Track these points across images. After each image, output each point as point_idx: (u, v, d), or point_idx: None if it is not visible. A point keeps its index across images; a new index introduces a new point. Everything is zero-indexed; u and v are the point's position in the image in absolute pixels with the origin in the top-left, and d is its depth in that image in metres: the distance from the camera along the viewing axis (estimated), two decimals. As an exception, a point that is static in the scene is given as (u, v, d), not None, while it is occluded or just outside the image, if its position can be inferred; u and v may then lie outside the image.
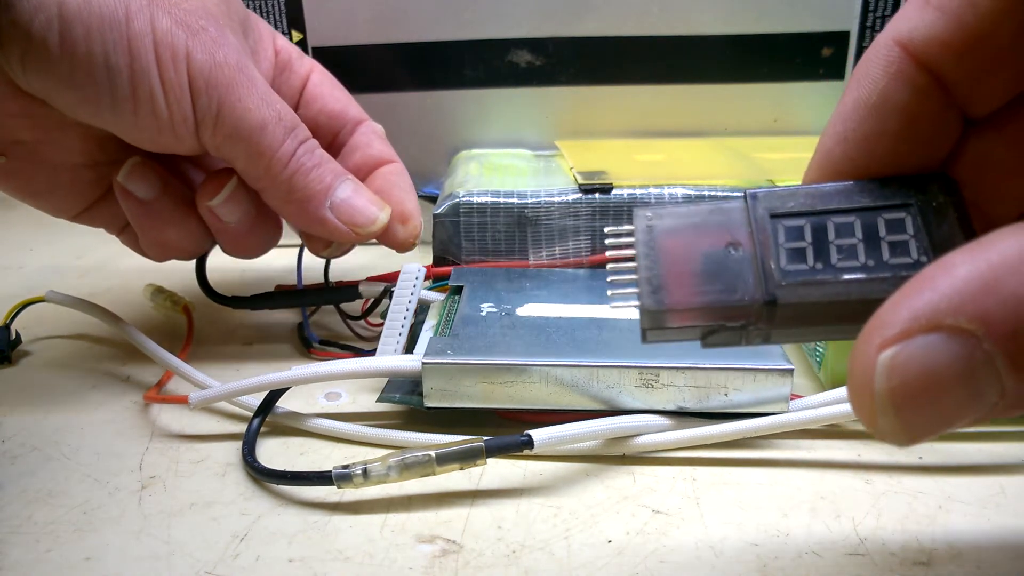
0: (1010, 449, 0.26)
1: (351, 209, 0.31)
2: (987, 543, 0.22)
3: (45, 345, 0.35)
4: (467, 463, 0.24)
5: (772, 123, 0.44)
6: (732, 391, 0.26)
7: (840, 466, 0.26)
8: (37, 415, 0.29)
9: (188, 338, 0.33)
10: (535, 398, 0.26)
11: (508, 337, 0.28)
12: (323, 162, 0.30)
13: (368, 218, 0.31)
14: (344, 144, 0.36)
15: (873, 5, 0.42)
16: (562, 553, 0.22)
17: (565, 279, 0.33)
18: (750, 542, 0.23)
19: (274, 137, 0.29)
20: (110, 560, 0.22)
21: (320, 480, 0.24)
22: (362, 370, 0.27)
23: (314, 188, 0.30)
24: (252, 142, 0.28)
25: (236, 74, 0.28)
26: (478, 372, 0.26)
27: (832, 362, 0.28)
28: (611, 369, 0.26)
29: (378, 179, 0.34)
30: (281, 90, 0.33)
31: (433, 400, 0.27)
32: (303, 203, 0.30)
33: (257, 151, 0.29)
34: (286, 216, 0.32)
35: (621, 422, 0.26)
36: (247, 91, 0.28)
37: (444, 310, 0.31)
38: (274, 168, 0.29)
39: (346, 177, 0.31)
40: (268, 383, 0.27)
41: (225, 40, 0.28)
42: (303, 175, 0.30)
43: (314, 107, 0.35)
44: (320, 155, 0.30)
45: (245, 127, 0.28)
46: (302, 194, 0.30)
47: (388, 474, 0.24)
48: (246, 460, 0.26)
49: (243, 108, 0.28)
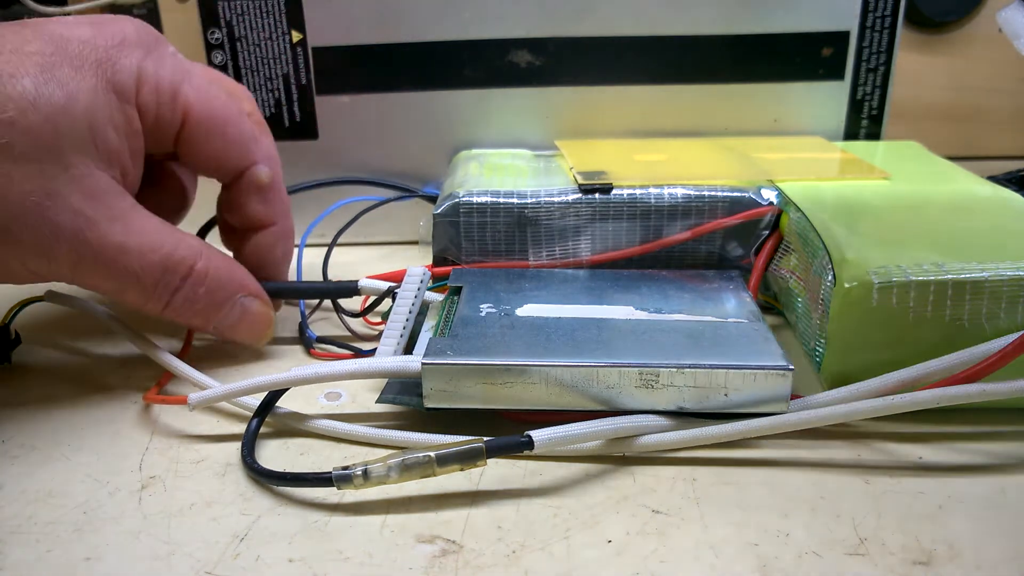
0: (1010, 449, 0.26)
1: (233, 334, 0.31)
2: (987, 543, 0.22)
3: (45, 345, 0.35)
4: (467, 464, 0.24)
5: (772, 123, 0.44)
6: (732, 391, 0.26)
7: (840, 466, 0.26)
8: (37, 415, 0.29)
9: (189, 337, 0.33)
10: (535, 398, 0.26)
11: (508, 338, 0.28)
12: (204, 302, 0.30)
13: (252, 338, 0.32)
14: (227, 193, 0.34)
15: (873, 5, 0.42)
16: (562, 553, 0.22)
17: (565, 279, 0.33)
18: (750, 542, 0.23)
19: (136, 297, 0.29)
20: (110, 560, 0.22)
21: (320, 481, 0.24)
22: (361, 370, 0.27)
23: (194, 324, 0.31)
24: (121, 297, 0.29)
25: (97, 229, 0.27)
26: (478, 373, 0.26)
27: (832, 362, 0.28)
28: (611, 369, 0.26)
29: (248, 248, 0.33)
30: (154, 145, 0.31)
31: (433, 401, 0.27)
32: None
33: (125, 303, 0.29)
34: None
35: (621, 422, 0.26)
36: (110, 241, 0.28)
37: (443, 310, 0.31)
38: (149, 312, 0.30)
39: (234, 301, 0.31)
40: (267, 384, 0.27)
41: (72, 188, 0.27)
42: (183, 318, 0.30)
43: (188, 159, 0.32)
44: (201, 295, 0.30)
45: (111, 286, 0.28)
46: (181, 322, 0.31)
47: (388, 475, 0.24)
48: (245, 461, 0.26)
49: (101, 273, 0.28)
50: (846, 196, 0.34)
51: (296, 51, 0.42)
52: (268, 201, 0.33)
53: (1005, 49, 0.37)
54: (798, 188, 0.35)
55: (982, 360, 0.25)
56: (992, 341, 0.25)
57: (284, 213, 0.34)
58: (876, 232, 0.30)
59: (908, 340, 0.27)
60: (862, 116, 0.44)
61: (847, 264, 0.28)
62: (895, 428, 0.27)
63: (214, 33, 0.42)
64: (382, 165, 0.44)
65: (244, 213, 0.33)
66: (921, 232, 0.30)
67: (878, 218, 0.32)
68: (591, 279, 0.33)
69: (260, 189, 0.33)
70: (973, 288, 0.27)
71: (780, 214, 0.34)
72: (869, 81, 0.43)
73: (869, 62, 0.43)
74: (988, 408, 0.27)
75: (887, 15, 0.42)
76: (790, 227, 0.33)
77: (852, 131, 0.44)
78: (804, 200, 0.33)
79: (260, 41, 0.42)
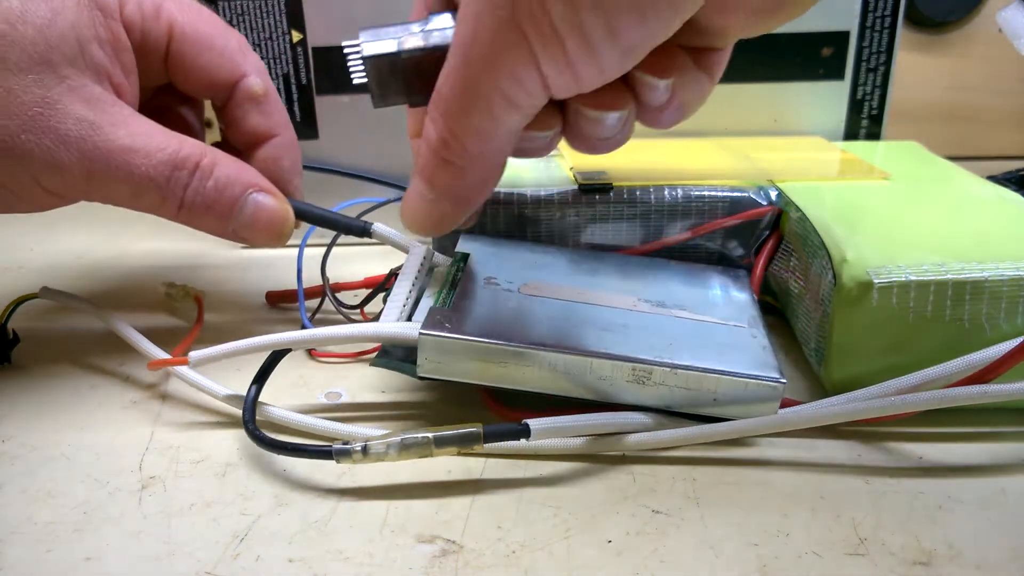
0: (1010, 449, 0.26)
1: (252, 234, 0.31)
2: (987, 543, 0.22)
3: (45, 345, 0.35)
4: (465, 447, 0.24)
5: (772, 123, 0.44)
6: (721, 397, 0.26)
7: (840, 466, 0.26)
8: (37, 415, 0.29)
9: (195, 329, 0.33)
10: (527, 381, 0.26)
11: (507, 317, 0.27)
12: (214, 197, 0.30)
13: (273, 235, 0.31)
14: (224, 112, 0.33)
15: (873, 5, 0.42)
16: (562, 553, 0.22)
17: (573, 259, 0.33)
18: (750, 542, 0.23)
19: (151, 199, 0.29)
20: (110, 560, 0.22)
21: (320, 454, 0.24)
22: (360, 334, 0.27)
23: (211, 224, 0.30)
24: (138, 202, 0.29)
25: (96, 138, 0.27)
26: (474, 350, 0.26)
27: (832, 362, 0.28)
28: (605, 361, 0.26)
29: (255, 166, 0.33)
30: (145, 68, 0.31)
31: (426, 371, 0.27)
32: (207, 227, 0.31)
33: (143, 208, 0.29)
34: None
35: (620, 417, 0.26)
36: (112, 148, 0.28)
37: (448, 277, 0.30)
38: (167, 214, 0.30)
39: (245, 197, 0.30)
40: (268, 343, 0.28)
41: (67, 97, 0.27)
42: (198, 216, 0.30)
43: (180, 79, 0.32)
44: (210, 190, 0.29)
45: (125, 191, 0.28)
46: (200, 226, 0.30)
47: (387, 452, 0.24)
48: (247, 427, 0.26)
49: (114, 177, 0.28)
50: (846, 196, 0.34)
51: (296, 51, 0.42)
52: (266, 112, 0.33)
53: (1005, 49, 0.37)
54: (798, 188, 0.35)
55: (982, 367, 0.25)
56: (990, 348, 0.25)
57: (284, 124, 0.34)
58: (876, 232, 0.30)
59: (908, 340, 0.27)
60: (862, 116, 0.44)
61: (847, 264, 0.28)
62: (895, 428, 0.27)
63: (214, 33, 0.41)
64: (382, 165, 0.44)
65: (244, 129, 0.33)
66: (921, 232, 0.30)
67: (878, 218, 0.32)
68: (598, 261, 0.33)
69: (255, 100, 0.33)
70: (973, 288, 0.27)
71: (780, 214, 0.34)
72: (869, 81, 0.43)
73: (869, 62, 0.43)
74: (988, 408, 0.27)
75: (887, 15, 0.42)
76: (790, 227, 0.33)
77: (852, 131, 0.44)
78: (804, 200, 0.33)
79: (260, 41, 0.42)
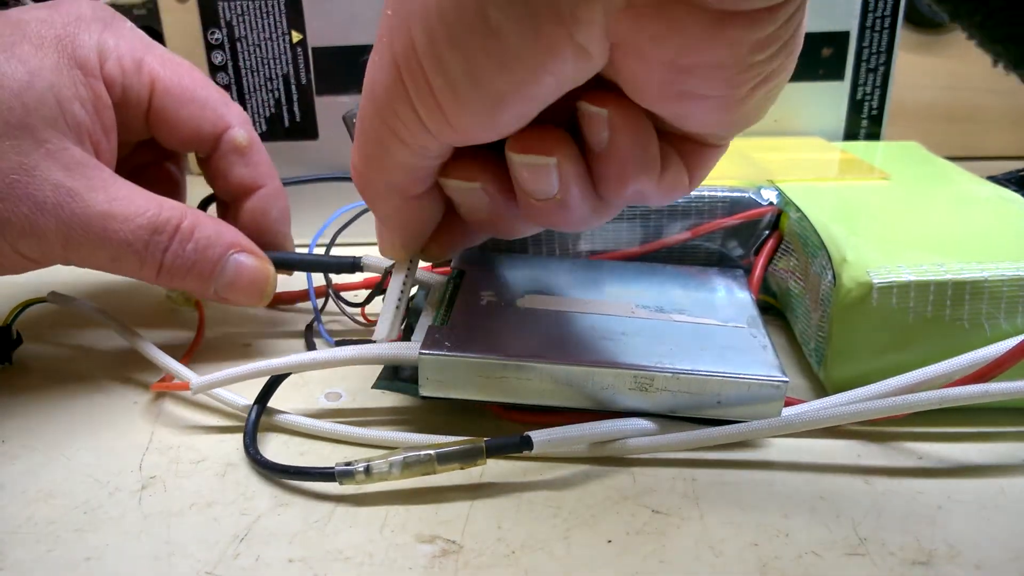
0: (1010, 449, 0.26)
1: (234, 294, 0.30)
2: (987, 543, 0.22)
3: (46, 346, 0.35)
4: (468, 462, 0.24)
5: (772, 123, 0.44)
6: (724, 399, 0.26)
7: (840, 466, 0.26)
8: (38, 415, 0.29)
9: (198, 338, 0.33)
10: (530, 394, 0.26)
11: (506, 331, 0.28)
12: (194, 259, 0.29)
13: (255, 296, 0.31)
14: (209, 164, 0.33)
15: (873, 5, 0.42)
16: (562, 553, 0.22)
17: (568, 269, 0.33)
18: (750, 542, 0.23)
19: (130, 264, 0.28)
20: (110, 560, 0.22)
21: (323, 476, 0.24)
22: (361, 356, 0.27)
23: (192, 286, 0.30)
24: (117, 267, 0.29)
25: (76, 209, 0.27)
26: (474, 367, 0.26)
27: (832, 362, 0.28)
28: (607, 371, 0.26)
29: (244, 218, 0.33)
30: (127, 123, 0.30)
31: (428, 390, 0.27)
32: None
33: (123, 272, 0.29)
34: None
35: (623, 424, 0.26)
36: (91, 219, 0.27)
37: (445, 294, 0.30)
38: (147, 278, 0.29)
39: (226, 258, 0.30)
40: (269, 368, 0.28)
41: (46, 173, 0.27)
42: (178, 279, 0.29)
43: (163, 133, 0.32)
44: (190, 252, 0.29)
45: (104, 257, 0.28)
46: (182, 288, 0.30)
47: (390, 471, 0.24)
48: (248, 452, 0.26)
49: (92, 243, 0.28)
50: (846, 196, 0.34)
51: (296, 51, 0.42)
52: (251, 164, 0.33)
53: (1005, 49, 0.37)
54: (798, 188, 0.35)
55: (982, 366, 0.25)
56: (990, 347, 0.25)
57: (270, 174, 0.33)
58: (876, 232, 0.30)
59: (908, 340, 0.27)
60: (862, 116, 0.44)
61: (847, 264, 0.28)
62: (895, 428, 0.27)
63: (214, 33, 0.42)
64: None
65: (230, 181, 0.33)
66: (921, 232, 0.30)
67: (878, 218, 0.32)
68: (594, 270, 0.33)
69: (240, 152, 0.32)
70: (973, 288, 0.27)
71: (780, 214, 0.34)
72: (869, 81, 0.43)
73: (869, 62, 0.43)
74: (988, 408, 0.27)
75: (887, 15, 0.42)
76: (790, 227, 0.33)
77: (852, 131, 0.44)
78: (804, 200, 0.33)
79: (260, 41, 0.42)
